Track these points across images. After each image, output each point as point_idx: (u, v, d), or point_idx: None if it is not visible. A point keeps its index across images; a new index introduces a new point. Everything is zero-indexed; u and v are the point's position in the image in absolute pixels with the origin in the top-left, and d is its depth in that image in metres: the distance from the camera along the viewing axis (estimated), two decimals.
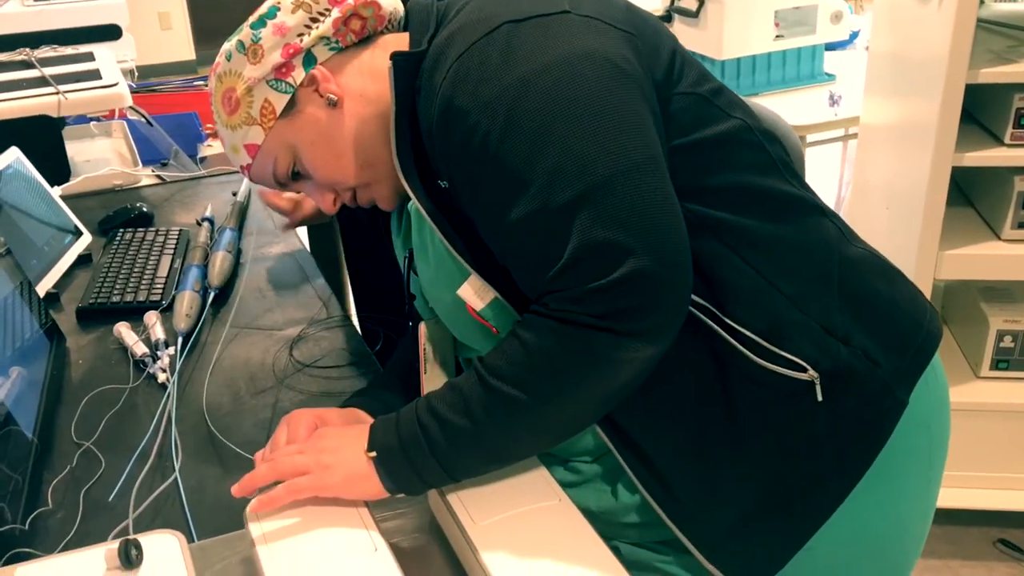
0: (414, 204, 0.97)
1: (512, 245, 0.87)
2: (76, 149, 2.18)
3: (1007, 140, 1.77)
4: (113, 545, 0.82)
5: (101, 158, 2.16)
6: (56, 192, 1.75)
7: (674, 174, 0.86)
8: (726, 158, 0.91)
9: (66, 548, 1.01)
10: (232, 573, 0.92)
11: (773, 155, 0.94)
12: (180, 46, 6.24)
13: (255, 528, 0.86)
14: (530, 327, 0.85)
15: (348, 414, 1.06)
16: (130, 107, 2.14)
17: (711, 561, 0.92)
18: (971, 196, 2.03)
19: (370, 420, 1.07)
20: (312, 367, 1.34)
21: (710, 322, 0.89)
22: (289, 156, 1.00)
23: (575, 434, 0.93)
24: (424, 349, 1.06)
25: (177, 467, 1.13)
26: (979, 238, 1.89)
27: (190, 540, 1.01)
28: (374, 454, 0.89)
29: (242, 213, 1.85)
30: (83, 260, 1.71)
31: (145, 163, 2.18)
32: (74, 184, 1.95)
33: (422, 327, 1.06)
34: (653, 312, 0.82)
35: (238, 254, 1.67)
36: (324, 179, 1.01)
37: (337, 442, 0.92)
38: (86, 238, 1.75)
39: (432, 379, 1.07)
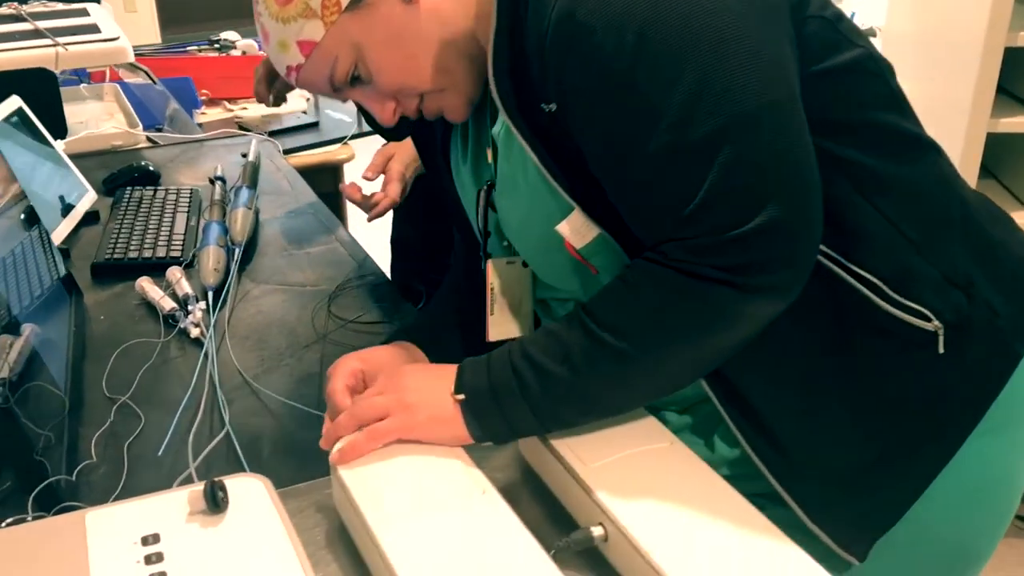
0: (503, 129, 0.89)
1: (632, 182, 0.79)
2: (67, 111, 2.07)
3: None
4: (197, 487, 0.75)
5: (94, 119, 2.05)
6: (60, 145, 1.65)
7: (804, 107, 0.80)
8: (852, 90, 0.85)
9: (117, 499, 0.93)
10: (310, 520, 0.85)
11: (893, 87, 0.89)
12: (145, 29, 6.06)
13: (348, 477, 0.79)
14: (643, 275, 0.78)
15: (396, 350, 0.99)
16: (131, 64, 2.03)
17: (815, 522, 0.87)
18: (994, 169, 2.01)
19: (420, 354, 1.01)
20: (355, 323, 1.27)
21: (836, 268, 0.83)
22: (352, 57, 0.86)
23: (679, 390, 0.87)
24: (491, 289, 0.99)
25: (227, 419, 1.05)
26: (1008, 209, 1.86)
27: None
28: (462, 397, 0.82)
29: (255, 172, 1.76)
30: (88, 218, 1.61)
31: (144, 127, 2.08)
32: (73, 142, 1.85)
33: (489, 266, 0.98)
34: (784, 267, 0.76)
35: (257, 211, 1.59)
36: (390, 85, 0.88)
37: (420, 382, 0.85)
38: (91, 195, 1.65)
39: (499, 322, 1.00)
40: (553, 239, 0.86)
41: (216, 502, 0.74)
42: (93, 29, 1.90)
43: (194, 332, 1.23)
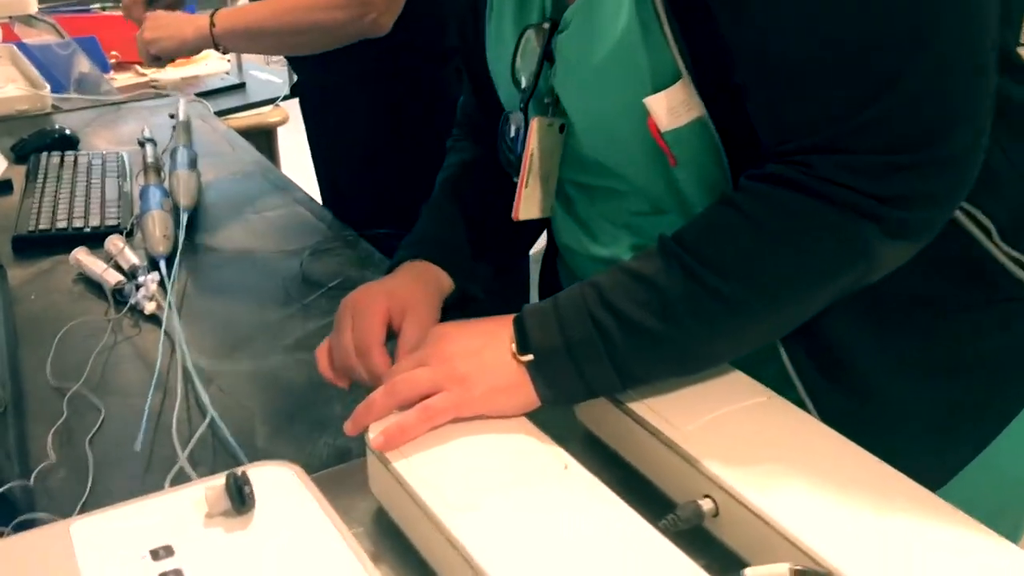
0: None
1: (794, 69, 0.63)
2: None
3: None
4: (215, 482, 0.59)
5: None
6: None
7: None
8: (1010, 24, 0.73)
9: (86, 508, 0.76)
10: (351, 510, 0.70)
11: None
12: None
13: (403, 466, 0.64)
14: (765, 201, 0.65)
15: (420, 280, 0.84)
16: (33, 17, 1.80)
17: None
18: None
19: (444, 277, 0.85)
20: (336, 288, 1.11)
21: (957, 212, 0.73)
22: None
23: (777, 338, 0.75)
24: (531, 155, 0.81)
25: (207, 402, 0.88)
26: None
27: None
28: (529, 358, 0.68)
29: (188, 132, 1.57)
30: (3, 188, 1.40)
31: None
32: None
33: (534, 125, 0.80)
34: (939, 205, 0.65)
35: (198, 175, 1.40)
36: None
37: (471, 344, 0.70)
38: (0, 162, 1.44)
39: (530, 197, 0.84)
40: (633, 111, 0.70)
41: (243, 498, 0.58)
42: None
43: (149, 307, 1.05)
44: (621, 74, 0.71)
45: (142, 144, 1.48)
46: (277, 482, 0.62)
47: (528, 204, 0.84)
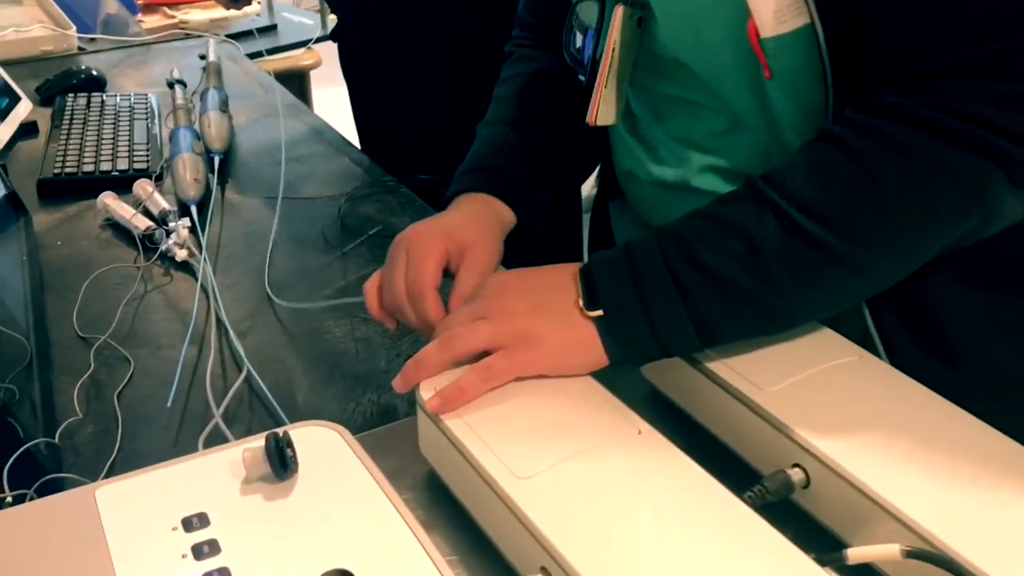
0: None
1: None
2: None
3: None
4: (254, 444, 0.53)
5: (13, 24, 1.76)
6: None
7: None
8: None
9: (114, 469, 0.71)
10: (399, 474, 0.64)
11: None
12: None
13: (460, 430, 0.57)
14: (876, 136, 0.57)
15: (483, 218, 0.77)
16: None
17: None
18: None
19: (507, 212, 0.79)
20: (377, 236, 1.05)
21: None
22: None
23: (872, 294, 0.68)
24: (612, 50, 0.71)
25: (243, 355, 0.83)
26: None
27: None
28: (599, 313, 0.62)
29: (219, 73, 1.51)
30: (25, 130, 1.35)
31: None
32: None
33: (618, 12, 0.70)
34: None
35: (229, 118, 1.34)
36: None
37: (534, 296, 0.63)
38: (26, 103, 1.38)
39: (608, 101, 0.75)
40: (730, 10, 0.62)
41: (284, 463, 0.53)
42: None
43: (180, 254, 1.00)
44: None
45: (171, 85, 1.41)
46: (320, 444, 0.56)
47: (605, 108, 0.75)
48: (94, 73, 1.49)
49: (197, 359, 0.84)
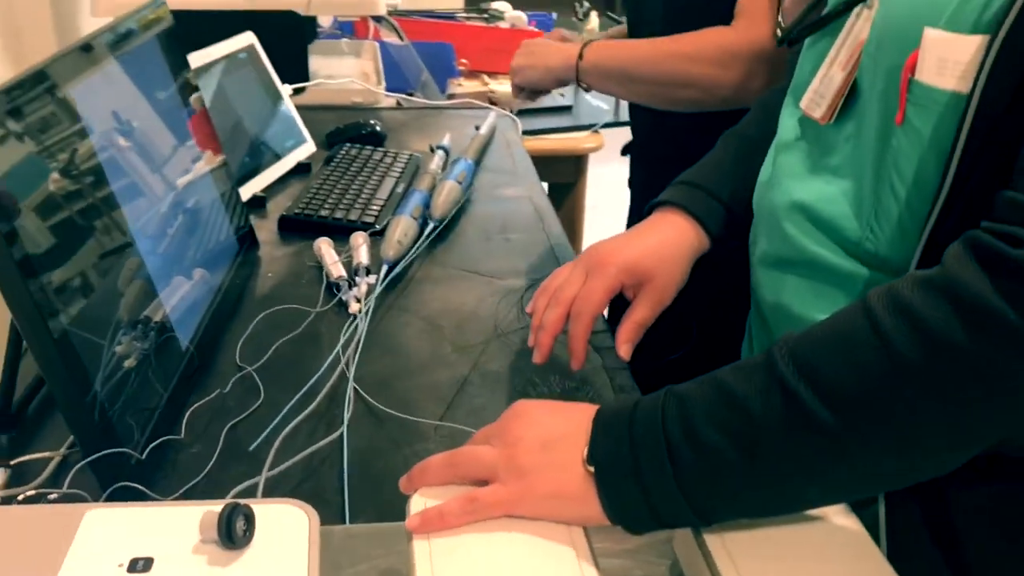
0: None
1: None
2: (321, 64, 2.01)
3: None
4: (215, 508, 0.56)
5: (343, 74, 1.98)
6: (287, 90, 1.56)
7: None
8: None
9: (189, 495, 0.77)
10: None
11: None
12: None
13: (420, 553, 0.57)
14: (917, 321, 0.50)
15: (674, 251, 0.81)
16: (383, 18, 1.94)
17: None
18: None
19: (702, 239, 0.82)
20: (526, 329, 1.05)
21: None
22: None
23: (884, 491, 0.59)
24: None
25: (346, 420, 0.87)
26: None
27: (340, 520, 0.75)
28: (591, 469, 0.58)
29: (483, 148, 1.60)
30: (302, 169, 1.51)
31: (390, 89, 1.99)
32: (310, 91, 1.77)
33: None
34: None
35: (468, 188, 1.41)
36: None
37: (543, 432, 0.61)
38: (309, 146, 1.55)
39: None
40: (906, 31, 0.57)
41: (230, 535, 0.55)
42: None
43: (353, 306, 1.07)
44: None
45: (432, 150, 1.52)
46: (285, 524, 0.57)
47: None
48: (377, 129, 1.64)
49: (310, 410, 0.88)
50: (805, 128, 0.71)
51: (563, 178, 2.04)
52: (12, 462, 0.80)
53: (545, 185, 2.19)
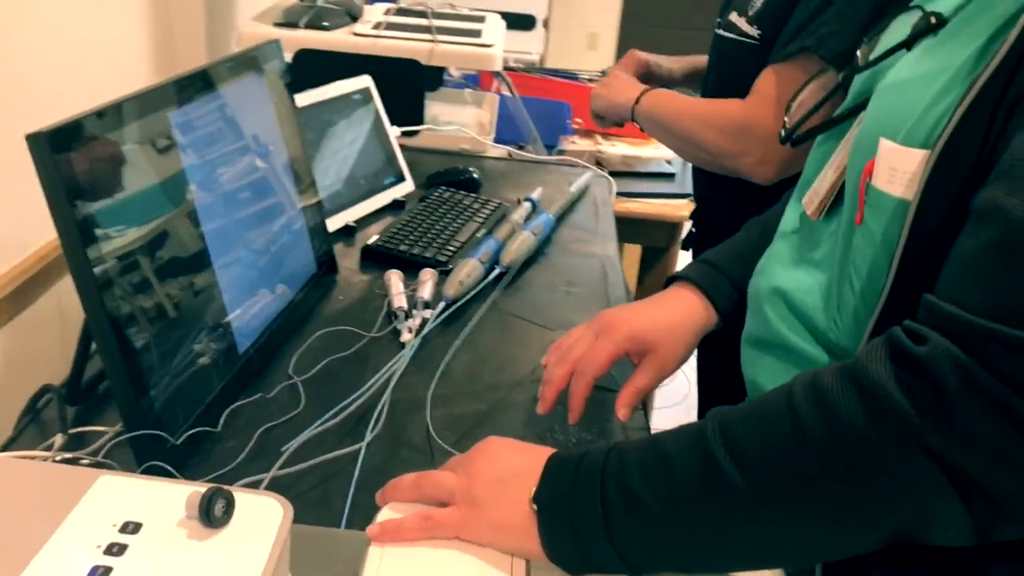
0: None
1: None
2: (443, 110, 2.13)
3: None
4: (200, 489, 0.64)
5: (461, 122, 2.08)
6: (395, 131, 1.67)
7: None
8: None
9: (213, 483, 0.85)
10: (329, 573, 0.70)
11: None
12: (601, 64, 6.33)
13: (373, 559, 0.63)
14: (830, 412, 0.53)
15: (681, 325, 0.86)
16: (498, 73, 2.04)
17: None
18: None
19: (711, 316, 0.87)
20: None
21: None
22: None
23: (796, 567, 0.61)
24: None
25: (367, 437, 0.94)
26: None
27: (337, 524, 0.82)
28: (534, 507, 0.63)
29: (570, 204, 1.66)
30: (397, 206, 1.61)
31: (500, 140, 2.08)
32: (422, 134, 1.88)
33: None
34: None
35: (545, 242, 1.48)
36: None
37: (502, 468, 0.66)
38: (407, 185, 1.65)
39: None
40: (870, 148, 0.61)
41: (209, 515, 0.62)
42: (475, 34, 1.92)
43: (405, 336, 1.14)
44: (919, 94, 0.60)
45: (519, 201, 1.59)
46: (261, 514, 0.64)
47: None
48: (474, 176, 1.72)
49: (334, 422, 0.95)
50: (803, 221, 0.75)
51: (657, 242, 2.08)
52: (70, 431, 0.90)
53: (638, 248, 2.24)
